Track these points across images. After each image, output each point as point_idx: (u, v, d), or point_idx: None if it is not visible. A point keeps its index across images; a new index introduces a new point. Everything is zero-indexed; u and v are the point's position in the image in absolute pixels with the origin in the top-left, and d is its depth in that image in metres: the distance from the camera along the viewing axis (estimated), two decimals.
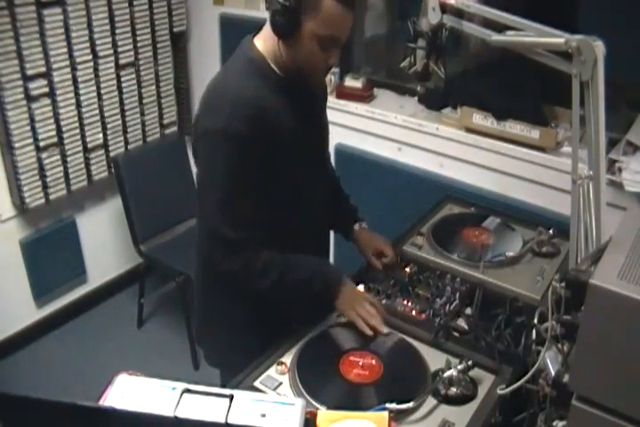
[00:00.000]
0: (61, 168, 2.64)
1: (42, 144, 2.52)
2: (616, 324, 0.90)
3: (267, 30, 1.40)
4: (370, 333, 1.43)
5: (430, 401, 1.28)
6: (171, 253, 2.82)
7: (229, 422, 0.88)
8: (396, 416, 1.22)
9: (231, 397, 0.92)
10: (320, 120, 1.59)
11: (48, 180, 2.60)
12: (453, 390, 1.29)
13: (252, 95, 1.35)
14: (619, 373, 0.93)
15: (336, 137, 2.53)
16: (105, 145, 2.78)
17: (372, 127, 2.55)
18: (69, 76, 2.53)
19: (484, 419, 1.24)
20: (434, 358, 1.39)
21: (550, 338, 1.14)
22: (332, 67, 1.43)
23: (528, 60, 1.35)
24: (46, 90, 2.47)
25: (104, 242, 3.07)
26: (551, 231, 1.78)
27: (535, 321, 1.22)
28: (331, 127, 1.66)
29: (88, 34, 2.54)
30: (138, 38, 2.74)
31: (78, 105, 2.60)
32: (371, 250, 1.73)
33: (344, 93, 2.62)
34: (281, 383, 1.32)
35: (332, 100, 2.56)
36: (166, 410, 0.90)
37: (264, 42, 1.42)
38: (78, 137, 2.65)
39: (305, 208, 1.52)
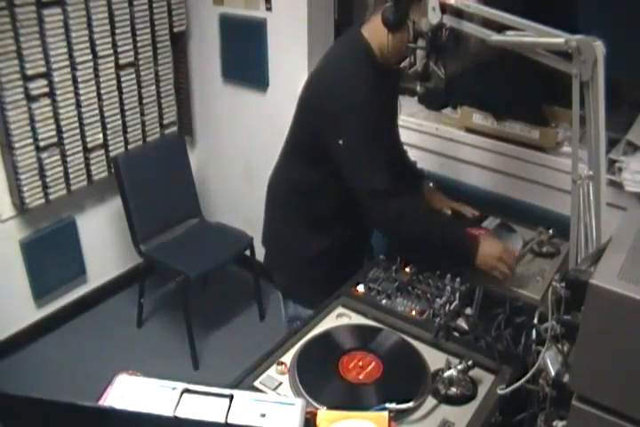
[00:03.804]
0: (61, 168, 2.64)
1: (42, 144, 2.52)
2: (616, 324, 0.90)
3: (374, 24, 1.61)
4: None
5: (430, 401, 1.28)
6: (171, 253, 2.82)
7: (229, 422, 0.88)
8: (396, 416, 1.22)
9: (231, 397, 0.92)
10: (397, 100, 1.90)
11: (48, 180, 2.60)
12: (453, 390, 1.29)
13: (367, 75, 1.60)
14: (619, 373, 0.93)
15: None
16: (105, 145, 2.78)
17: None
18: (69, 76, 2.53)
19: (484, 419, 1.24)
20: (434, 358, 1.39)
21: (550, 338, 1.14)
22: None
23: (528, 60, 1.35)
24: (46, 90, 2.47)
25: (104, 242, 3.07)
26: (551, 231, 1.78)
27: (535, 321, 1.23)
28: None
29: (88, 34, 2.54)
30: (138, 38, 2.74)
31: (78, 105, 2.60)
32: (445, 207, 1.99)
33: None
34: (281, 383, 1.32)
35: None
36: (166, 410, 0.90)
37: (369, 33, 1.63)
38: (78, 137, 2.65)
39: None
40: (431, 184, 2.05)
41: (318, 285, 1.86)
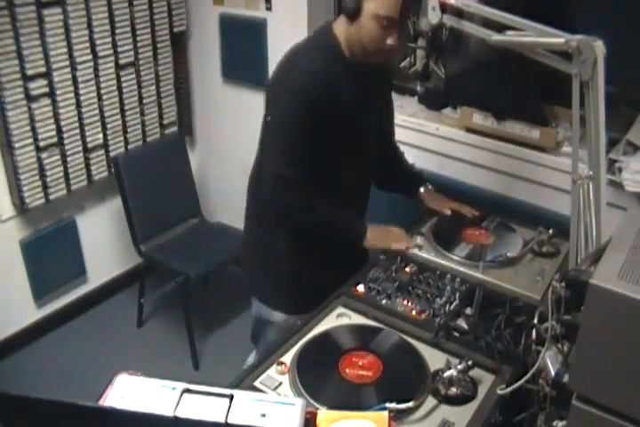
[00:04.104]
0: (61, 168, 2.64)
1: (42, 144, 2.52)
2: (616, 324, 0.90)
3: (342, 18, 1.61)
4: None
5: (430, 401, 1.28)
6: (171, 253, 2.82)
7: (229, 422, 0.88)
8: (396, 416, 1.22)
9: (231, 397, 0.92)
10: (380, 101, 1.84)
11: (48, 180, 2.60)
12: (453, 390, 1.29)
13: (321, 69, 1.58)
14: (619, 373, 0.93)
15: None
16: (105, 145, 2.78)
17: None
18: (69, 76, 2.53)
19: (484, 419, 1.24)
20: (434, 358, 1.39)
21: (550, 338, 1.14)
22: (394, 48, 1.56)
23: (528, 60, 1.35)
24: (46, 90, 2.47)
25: (104, 242, 3.07)
26: (551, 231, 1.78)
27: (535, 321, 1.23)
28: None
29: (88, 34, 2.54)
30: (138, 38, 2.74)
31: (78, 105, 2.60)
32: (445, 208, 1.94)
33: None
34: (281, 383, 1.32)
35: None
36: (166, 410, 0.90)
37: (338, 27, 1.63)
38: (78, 137, 2.65)
39: (350, 169, 1.76)
40: (430, 186, 2.02)
41: (282, 285, 1.88)
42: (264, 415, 0.90)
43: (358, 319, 1.54)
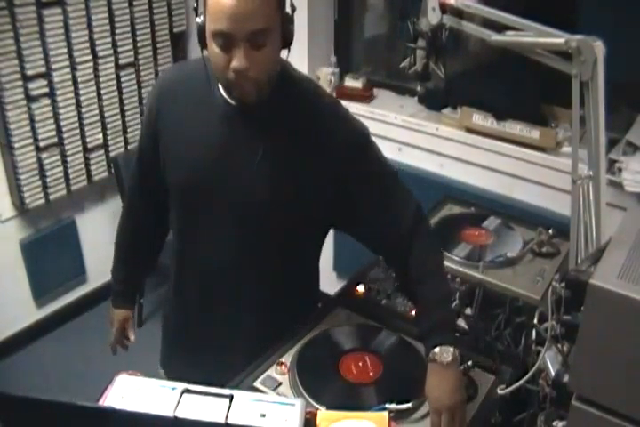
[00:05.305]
0: (61, 168, 2.64)
1: (42, 144, 2.52)
2: (616, 324, 0.90)
3: None
4: None
5: None
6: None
7: (229, 422, 0.88)
8: (396, 416, 1.22)
9: (231, 397, 0.92)
10: (261, 167, 1.28)
11: (48, 180, 2.60)
12: None
13: (169, 78, 1.51)
14: (619, 373, 0.93)
15: None
16: (105, 145, 2.78)
17: (372, 127, 2.50)
18: (69, 76, 2.53)
19: (484, 419, 1.24)
20: None
21: (550, 338, 1.14)
22: (247, 72, 1.14)
23: (528, 60, 1.35)
24: (46, 90, 2.47)
25: (104, 242, 3.05)
26: (551, 231, 1.78)
27: (535, 321, 1.22)
28: None
29: (88, 34, 2.53)
30: (138, 38, 2.73)
31: (78, 105, 2.60)
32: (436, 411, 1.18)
33: (344, 93, 2.62)
34: (281, 383, 1.32)
35: None
36: (166, 410, 0.90)
37: None
38: (78, 137, 2.65)
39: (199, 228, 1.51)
40: (436, 352, 1.20)
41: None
42: (264, 416, 0.90)
43: (358, 319, 1.54)
